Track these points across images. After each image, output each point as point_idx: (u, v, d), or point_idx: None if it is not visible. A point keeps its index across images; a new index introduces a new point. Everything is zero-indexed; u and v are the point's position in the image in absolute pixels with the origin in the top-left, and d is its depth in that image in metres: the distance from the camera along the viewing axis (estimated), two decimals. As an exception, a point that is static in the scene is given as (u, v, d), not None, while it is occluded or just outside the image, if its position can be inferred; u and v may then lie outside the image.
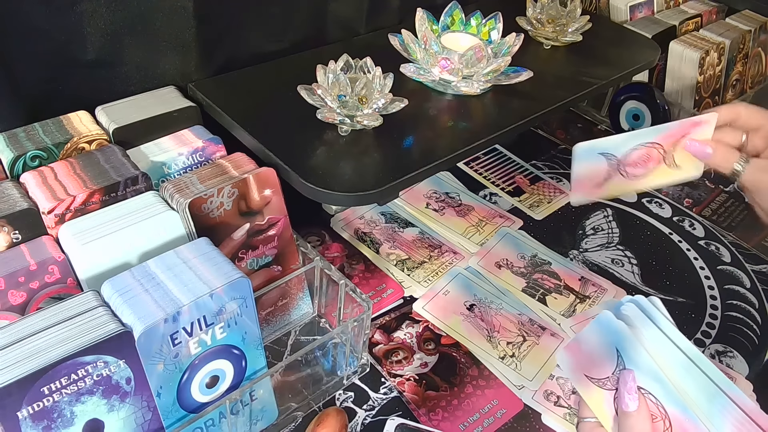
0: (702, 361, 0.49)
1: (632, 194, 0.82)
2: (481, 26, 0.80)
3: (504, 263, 0.80)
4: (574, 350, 0.53)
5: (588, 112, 1.13)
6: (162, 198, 0.56)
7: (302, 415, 0.61)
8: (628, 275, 0.80)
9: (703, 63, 0.95)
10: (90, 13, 0.62)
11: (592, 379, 0.52)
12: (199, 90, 0.71)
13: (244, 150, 0.63)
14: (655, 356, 0.49)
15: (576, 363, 0.53)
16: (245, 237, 0.59)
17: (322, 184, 0.60)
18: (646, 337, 0.50)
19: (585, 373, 0.52)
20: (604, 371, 0.51)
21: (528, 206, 0.90)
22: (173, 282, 0.48)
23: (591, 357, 0.52)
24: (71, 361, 0.42)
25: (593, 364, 0.52)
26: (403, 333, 0.70)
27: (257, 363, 0.54)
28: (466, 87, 0.74)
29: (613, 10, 1.06)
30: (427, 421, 0.61)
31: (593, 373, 0.52)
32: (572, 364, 0.53)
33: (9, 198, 0.52)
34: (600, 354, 0.51)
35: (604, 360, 0.51)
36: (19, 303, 0.49)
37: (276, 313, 0.65)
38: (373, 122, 0.65)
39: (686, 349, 0.50)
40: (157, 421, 0.48)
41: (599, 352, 0.51)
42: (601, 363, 0.51)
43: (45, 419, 0.42)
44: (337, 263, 0.78)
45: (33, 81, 0.62)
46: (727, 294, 0.79)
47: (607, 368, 0.51)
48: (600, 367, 0.51)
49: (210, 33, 0.71)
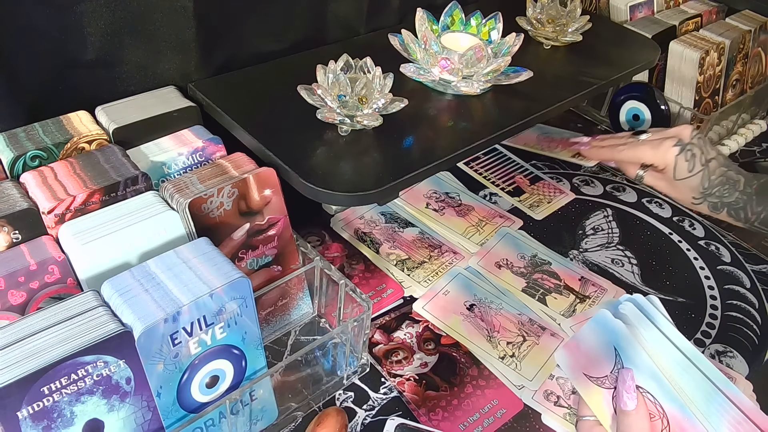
0: (700, 360, 0.49)
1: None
2: (481, 26, 0.80)
3: (504, 263, 0.80)
4: (573, 349, 0.53)
5: (588, 112, 1.13)
6: (162, 198, 0.56)
7: (302, 415, 0.61)
8: (628, 275, 0.80)
9: (703, 63, 0.95)
10: (90, 13, 0.62)
11: (591, 377, 0.52)
12: (199, 90, 0.71)
13: (244, 150, 0.63)
14: (653, 355, 0.50)
15: (575, 362, 0.53)
16: (245, 237, 0.59)
17: (322, 184, 0.60)
18: (644, 337, 0.50)
19: (584, 371, 0.52)
20: (603, 370, 0.51)
21: (528, 206, 0.90)
22: (173, 282, 0.48)
23: (589, 356, 0.52)
24: (71, 361, 0.42)
25: (592, 363, 0.52)
26: (403, 333, 0.70)
27: (257, 363, 0.54)
28: (466, 87, 0.74)
29: (613, 10, 1.06)
30: (427, 421, 0.61)
31: (592, 371, 0.52)
32: (571, 362, 0.53)
33: (9, 198, 0.52)
34: (598, 353, 0.51)
35: (603, 359, 0.51)
36: (19, 303, 0.49)
37: (276, 313, 0.65)
38: (373, 122, 0.65)
39: (684, 348, 0.50)
40: (157, 421, 0.48)
41: (597, 351, 0.52)
42: (600, 362, 0.51)
43: (45, 419, 0.42)
44: (337, 263, 0.78)
45: (33, 81, 0.62)
46: (727, 294, 0.79)
47: (605, 367, 0.51)
48: (598, 366, 0.51)
49: (210, 33, 0.71)
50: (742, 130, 1.08)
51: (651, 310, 0.51)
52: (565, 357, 0.53)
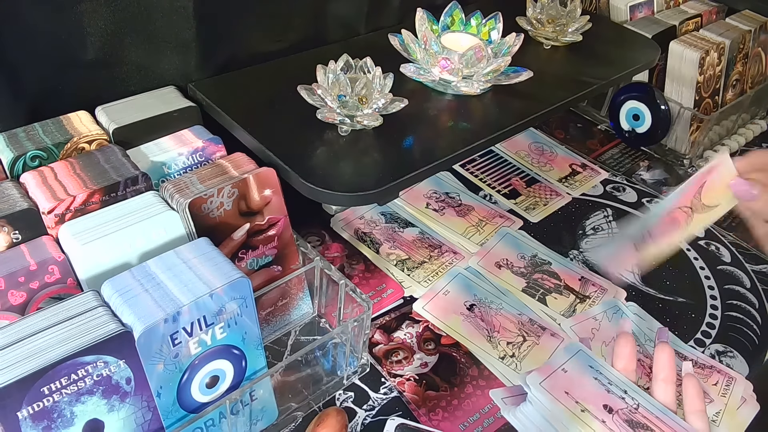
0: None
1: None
2: (481, 26, 0.80)
3: (504, 263, 0.80)
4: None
5: (588, 112, 1.13)
6: (162, 198, 0.56)
7: (302, 415, 0.61)
8: (628, 275, 0.80)
9: (703, 63, 0.95)
10: (90, 13, 0.61)
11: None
12: (199, 90, 0.71)
13: (244, 150, 0.63)
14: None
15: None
16: (245, 237, 0.59)
17: (322, 184, 0.60)
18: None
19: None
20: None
21: (524, 209, 0.89)
22: (173, 282, 0.48)
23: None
24: (71, 361, 0.42)
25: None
26: (403, 333, 0.70)
27: (257, 363, 0.54)
28: (466, 87, 0.74)
29: (613, 10, 1.06)
30: (427, 421, 0.61)
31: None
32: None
33: (9, 198, 0.52)
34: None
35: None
36: (19, 303, 0.49)
37: (276, 313, 0.65)
38: (373, 122, 0.65)
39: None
40: (157, 421, 0.48)
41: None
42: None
43: (45, 419, 0.42)
44: (337, 263, 0.78)
45: (33, 81, 0.62)
46: (727, 294, 0.79)
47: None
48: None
49: (210, 33, 0.71)
50: (742, 130, 1.08)
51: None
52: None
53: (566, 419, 0.57)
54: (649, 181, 0.98)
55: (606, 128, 1.10)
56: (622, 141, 1.06)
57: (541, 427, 0.58)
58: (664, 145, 1.03)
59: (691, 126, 0.98)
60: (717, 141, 1.05)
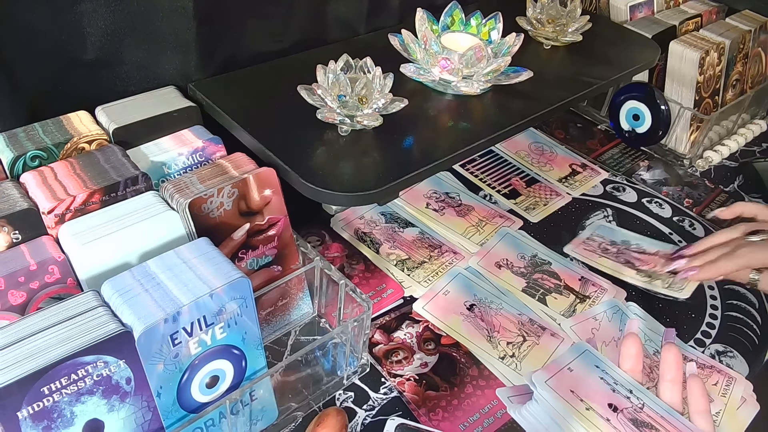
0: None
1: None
2: (481, 26, 0.80)
3: (504, 263, 0.80)
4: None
5: (588, 112, 1.13)
6: (162, 198, 0.56)
7: (302, 415, 0.61)
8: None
9: (703, 63, 0.95)
10: (90, 13, 0.62)
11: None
12: (199, 90, 0.71)
13: (244, 150, 0.63)
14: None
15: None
16: (245, 237, 0.59)
17: (322, 184, 0.60)
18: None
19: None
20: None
21: (524, 209, 0.89)
22: (173, 282, 0.48)
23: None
24: (71, 361, 0.42)
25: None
26: (403, 333, 0.70)
27: (257, 363, 0.54)
28: (466, 87, 0.74)
29: (613, 10, 1.06)
30: (427, 421, 0.61)
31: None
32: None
33: (9, 198, 0.52)
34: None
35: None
36: (19, 303, 0.49)
37: (276, 313, 0.65)
38: (373, 122, 0.65)
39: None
40: (157, 421, 0.48)
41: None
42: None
43: (45, 419, 0.42)
44: (337, 263, 0.78)
45: (33, 81, 0.62)
46: (727, 294, 0.79)
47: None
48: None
49: (210, 33, 0.71)
50: (742, 130, 1.08)
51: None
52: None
53: (571, 417, 0.57)
54: (649, 181, 0.98)
55: (606, 128, 1.10)
56: (622, 141, 1.06)
57: (547, 426, 0.58)
58: (664, 145, 1.03)
59: (691, 126, 0.98)
60: (717, 141, 1.05)
